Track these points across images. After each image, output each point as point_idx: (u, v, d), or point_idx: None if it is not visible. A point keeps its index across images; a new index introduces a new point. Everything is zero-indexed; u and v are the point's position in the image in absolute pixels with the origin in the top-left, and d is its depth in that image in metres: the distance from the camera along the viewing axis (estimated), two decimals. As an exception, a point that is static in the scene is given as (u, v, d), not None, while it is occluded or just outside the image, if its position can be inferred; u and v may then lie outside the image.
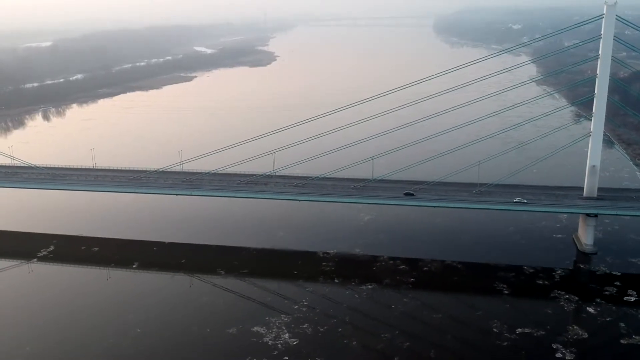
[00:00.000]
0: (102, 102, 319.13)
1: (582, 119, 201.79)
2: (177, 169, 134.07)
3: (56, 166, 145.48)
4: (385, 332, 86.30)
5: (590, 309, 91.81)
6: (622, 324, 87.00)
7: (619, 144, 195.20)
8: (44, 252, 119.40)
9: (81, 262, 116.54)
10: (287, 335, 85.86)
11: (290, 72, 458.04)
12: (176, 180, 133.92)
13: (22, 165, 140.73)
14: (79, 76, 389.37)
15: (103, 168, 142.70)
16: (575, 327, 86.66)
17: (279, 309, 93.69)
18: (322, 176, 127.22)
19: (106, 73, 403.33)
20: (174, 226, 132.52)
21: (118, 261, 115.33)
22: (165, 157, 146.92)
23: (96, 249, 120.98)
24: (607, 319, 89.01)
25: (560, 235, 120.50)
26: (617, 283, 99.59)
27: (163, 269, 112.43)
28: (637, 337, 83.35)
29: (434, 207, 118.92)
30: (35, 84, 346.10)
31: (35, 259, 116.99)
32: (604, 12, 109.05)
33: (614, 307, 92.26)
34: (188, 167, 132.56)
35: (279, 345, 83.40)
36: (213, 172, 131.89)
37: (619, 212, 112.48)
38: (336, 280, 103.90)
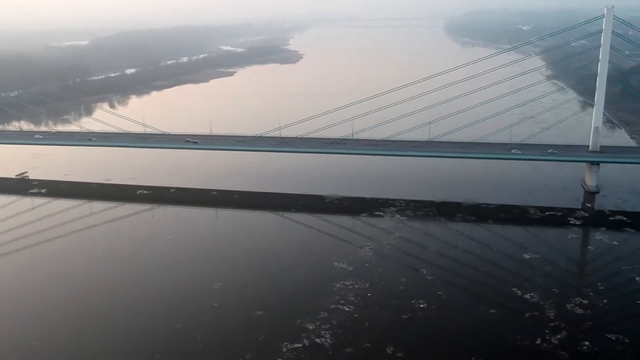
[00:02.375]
0: (164, 92, 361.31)
1: (585, 104, 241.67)
2: (275, 134, 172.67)
3: (176, 133, 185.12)
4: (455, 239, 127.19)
5: (592, 208, 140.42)
6: (610, 210, 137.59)
7: (619, 124, 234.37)
8: (168, 198, 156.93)
9: (199, 204, 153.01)
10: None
11: (322, 67, 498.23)
12: (275, 142, 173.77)
13: (153, 133, 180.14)
14: (133, 70, 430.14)
15: (217, 134, 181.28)
16: (582, 212, 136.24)
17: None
18: (386, 139, 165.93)
19: (155, 68, 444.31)
20: (274, 179, 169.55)
21: (224, 203, 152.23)
22: (257, 127, 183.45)
23: (215, 192, 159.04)
24: (605, 210, 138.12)
25: (571, 182, 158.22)
26: (611, 200, 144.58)
27: (270, 209, 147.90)
28: (619, 216, 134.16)
29: (485, 158, 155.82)
30: (101, 76, 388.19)
31: (160, 204, 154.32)
32: (604, 13, 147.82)
33: (607, 208, 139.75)
34: (280, 133, 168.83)
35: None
36: (301, 136, 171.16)
37: (617, 160, 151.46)
38: (410, 214, 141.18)
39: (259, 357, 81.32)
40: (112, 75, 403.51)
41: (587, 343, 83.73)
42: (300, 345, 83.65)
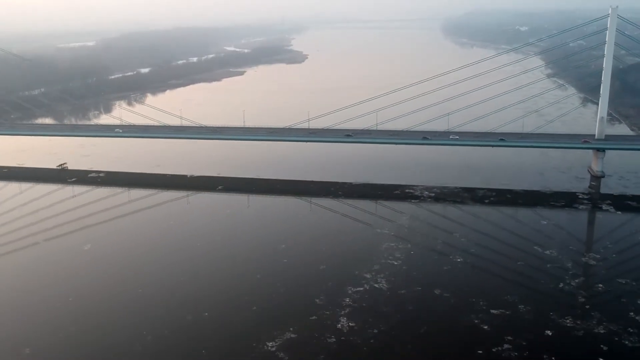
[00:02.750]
0: (180, 90, 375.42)
1: (585, 99, 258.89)
2: (303, 126, 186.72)
3: (211, 125, 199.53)
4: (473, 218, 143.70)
5: (598, 188, 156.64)
6: (615, 190, 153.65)
7: (620, 117, 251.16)
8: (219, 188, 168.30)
9: (246, 191, 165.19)
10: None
11: (327, 66, 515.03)
12: (304, 133, 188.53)
13: (189, 125, 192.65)
14: (147, 70, 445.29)
15: (250, 126, 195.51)
16: (590, 189, 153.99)
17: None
18: (406, 130, 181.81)
19: (167, 67, 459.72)
20: (305, 168, 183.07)
21: (268, 190, 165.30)
22: (284, 120, 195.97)
23: (258, 181, 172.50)
24: (611, 191, 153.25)
25: (578, 168, 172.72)
26: (616, 182, 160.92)
27: (307, 195, 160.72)
28: (623, 194, 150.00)
29: (501, 146, 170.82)
30: (119, 75, 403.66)
31: (211, 190, 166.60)
32: (609, 12, 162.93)
33: (613, 188, 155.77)
34: (306, 125, 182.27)
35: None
36: (326, 128, 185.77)
37: (622, 147, 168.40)
38: (437, 191, 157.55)
39: (331, 297, 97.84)
40: (129, 74, 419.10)
41: (601, 285, 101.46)
42: (362, 289, 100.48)
